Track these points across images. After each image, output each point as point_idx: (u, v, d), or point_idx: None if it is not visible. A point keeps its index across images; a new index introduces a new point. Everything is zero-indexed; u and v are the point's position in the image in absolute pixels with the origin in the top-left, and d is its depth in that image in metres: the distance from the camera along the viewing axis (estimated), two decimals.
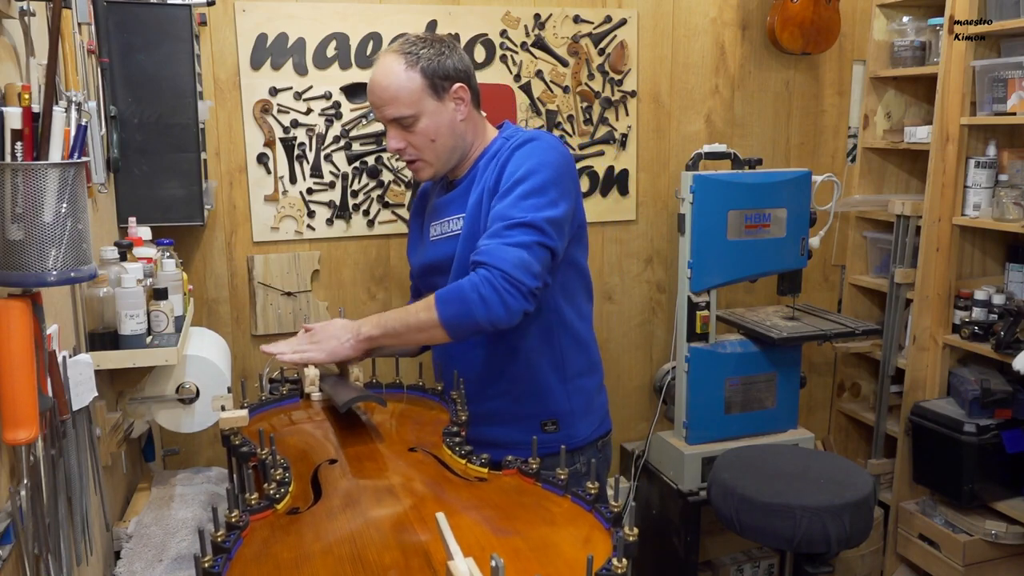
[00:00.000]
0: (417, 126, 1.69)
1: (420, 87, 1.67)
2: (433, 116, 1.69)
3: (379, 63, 1.70)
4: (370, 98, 1.73)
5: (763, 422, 2.67)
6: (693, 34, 2.87)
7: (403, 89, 1.66)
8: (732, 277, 2.60)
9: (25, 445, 1.03)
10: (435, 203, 1.84)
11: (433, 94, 1.68)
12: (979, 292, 2.62)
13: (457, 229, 1.75)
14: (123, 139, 1.96)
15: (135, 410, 1.72)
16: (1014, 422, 2.54)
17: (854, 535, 2.08)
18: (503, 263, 1.52)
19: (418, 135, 1.70)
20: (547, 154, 1.65)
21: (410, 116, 1.68)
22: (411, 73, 1.66)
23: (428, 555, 1.11)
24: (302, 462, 1.44)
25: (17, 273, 0.96)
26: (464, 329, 1.58)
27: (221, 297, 2.52)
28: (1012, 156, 2.58)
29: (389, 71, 1.67)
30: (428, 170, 1.75)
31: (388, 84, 1.67)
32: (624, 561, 1.06)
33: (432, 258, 1.82)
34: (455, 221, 1.77)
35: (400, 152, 1.73)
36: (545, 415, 1.80)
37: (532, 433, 1.74)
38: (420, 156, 1.72)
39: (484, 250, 1.56)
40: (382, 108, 1.70)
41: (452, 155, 1.75)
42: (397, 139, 1.71)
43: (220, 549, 1.12)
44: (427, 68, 1.67)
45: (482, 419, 1.77)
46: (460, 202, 1.76)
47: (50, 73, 1.06)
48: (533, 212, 1.57)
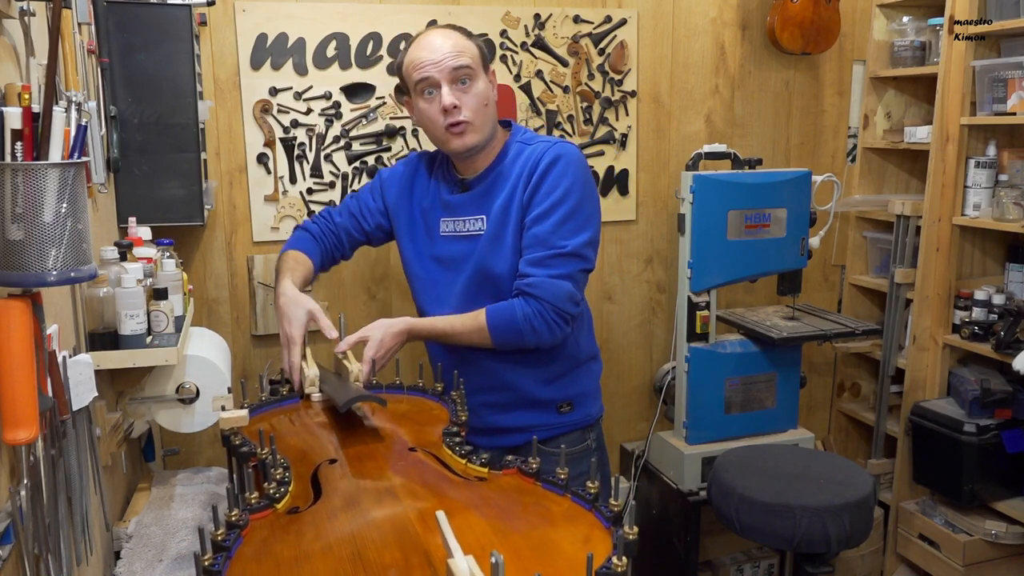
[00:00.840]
0: (474, 87, 1.72)
1: (477, 53, 1.75)
2: (484, 84, 1.75)
3: (430, 31, 1.75)
4: (427, 56, 1.71)
5: (763, 422, 2.67)
6: (693, 34, 2.87)
7: (466, 46, 1.73)
8: (732, 277, 2.60)
9: (25, 445, 1.03)
10: (447, 199, 1.85)
11: (484, 65, 1.76)
12: (979, 292, 2.62)
13: (477, 230, 1.79)
14: (123, 139, 1.96)
15: (135, 410, 1.72)
16: (1014, 422, 2.54)
17: (854, 535, 2.08)
18: (554, 298, 1.69)
19: (473, 96, 1.72)
20: (578, 171, 1.74)
21: (471, 69, 1.71)
22: (470, 42, 1.74)
23: (428, 554, 1.11)
24: (302, 462, 1.44)
25: (17, 273, 0.96)
26: (511, 348, 1.76)
27: (221, 297, 2.52)
28: (1012, 156, 2.58)
29: (449, 34, 1.73)
30: (473, 136, 1.75)
31: (454, 40, 1.72)
32: (624, 560, 1.06)
33: (443, 253, 1.85)
34: (474, 221, 1.80)
35: (453, 111, 1.71)
36: (561, 398, 1.87)
37: (549, 417, 1.84)
38: (471, 119, 1.73)
39: (535, 283, 1.70)
40: (443, 61, 1.70)
41: (488, 133, 1.78)
42: (454, 96, 1.71)
43: (220, 548, 1.12)
44: (480, 45, 1.76)
45: (499, 408, 1.83)
46: (480, 203, 1.80)
47: (50, 73, 1.06)
48: (573, 238, 1.71)
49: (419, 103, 1.77)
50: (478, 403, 1.84)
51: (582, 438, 1.92)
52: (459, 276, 1.82)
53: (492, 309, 1.73)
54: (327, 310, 2.60)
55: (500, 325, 1.71)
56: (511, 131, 1.86)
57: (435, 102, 1.73)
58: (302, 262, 1.88)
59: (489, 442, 1.87)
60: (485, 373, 1.83)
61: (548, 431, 1.86)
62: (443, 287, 1.85)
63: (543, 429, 1.85)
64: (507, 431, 1.83)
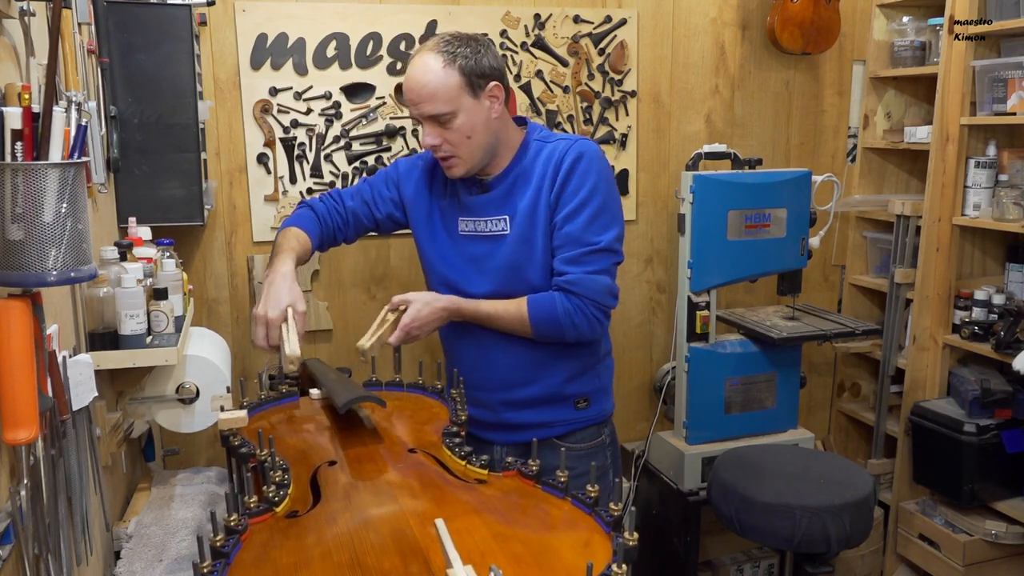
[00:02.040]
0: (454, 123, 1.70)
1: (458, 85, 1.69)
2: (469, 114, 1.71)
3: (416, 60, 1.71)
4: (407, 95, 1.73)
5: (763, 422, 2.67)
6: (693, 34, 2.87)
7: (441, 86, 1.68)
8: (732, 277, 2.60)
9: (25, 445, 1.03)
10: (466, 200, 1.84)
11: (470, 92, 1.71)
12: (979, 292, 2.62)
13: (500, 230, 1.80)
14: (123, 139, 1.96)
15: (135, 410, 1.72)
16: (1014, 422, 2.54)
17: (854, 535, 2.08)
18: (593, 293, 1.75)
19: (454, 132, 1.71)
20: (601, 168, 1.77)
21: (447, 113, 1.69)
22: (449, 71, 1.68)
23: (427, 560, 1.10)
24: (301, 463, 1.44)
25: (17, 273, 0.96)
26: (551, 341, 1.79)
27: (221, 297, 2.51)
28: (1012, 156, 2.58)
29: (427, 68, 1.69)
30: (461, 167, 1.76)
31: (427, 81, 1.68)
32: (624, 567, 1.06)
33: (466, 252, 1.84)
34: (497, 222, 1.80)
35: (435, 148, 1.74)
36: (580, 393, 1.88)
37: (567, 412, 1.87)
38: (455, 153, 1.74)
39: (573, 279, 1.74)
40: (419, 105, 1.70)
41: (486, 153, 1.77)
42: (433, 135, 1.72)
43: (219, 554, 1.12)
44: (464, 66, 1.69)
45: (517, 405, 1.84)
46: (502, 204, 1.80)
47: (50, 73, 1.06)
48: (604, 233, 1.75)
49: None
50: (496, 400, 1.85)
51: (597, 433, 1.94)
52: (485, 276, 1.81)
53: (534, 301, 1.76)
54: (327, 310, 2.60)
55: (542, 318, 1.75)
56: (527, 128, 1.86)
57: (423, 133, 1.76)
58: (302, 241, 1.84)
59: (503, 438, 1.88)
60: (512, 368, 1.83)
61: (565, 427, 1.88)
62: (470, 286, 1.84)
63: (560, 425, 1.87)
64: (524, 427, 1.84)
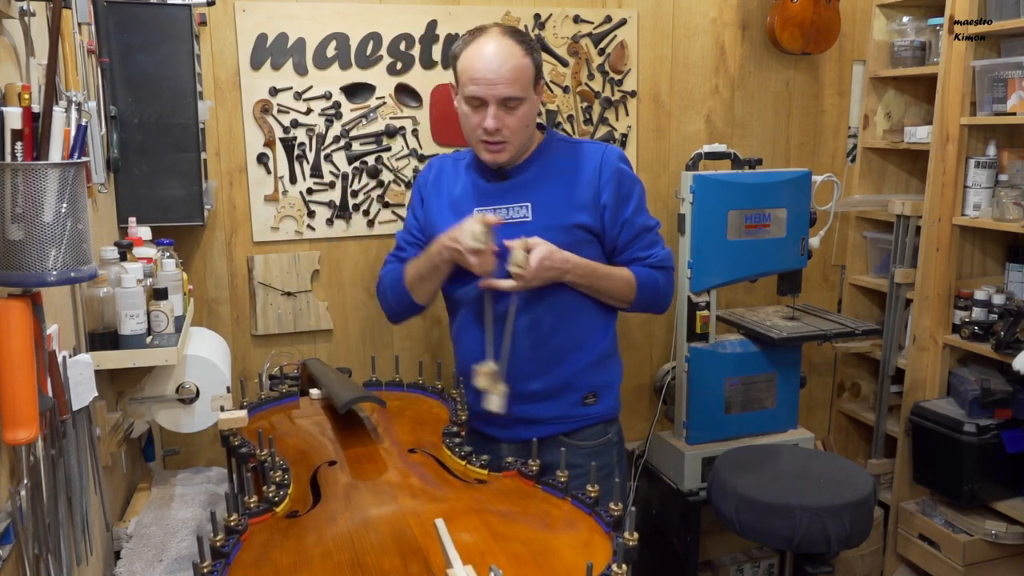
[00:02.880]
0: (519, 110, 1.75)
1: (531, 75, 1.77)
2: (531, 105, 1.79)
3: (495, 42, 1.73)
4: (483, 74, 1.73)
5: (763, 422, 2.67)
6: (693, 34, 2.87)
7: (523, 72, 1.74)
8: (732, 277, 2.60)
9: (25, 445, 1.03)
10: (484, 188, 1.87)
11: (535, 84, 1.79)
12: (979, 292, 2.62)
13: (521, 217, 1.84)
14: (123, 139, 1.96)
15: (135, 410, 1.72)
16: (1014, 422, 2.54)
17: (854, 535, 2.08)
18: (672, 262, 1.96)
19: (516, 119, 1.76)
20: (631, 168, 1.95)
21: (519, 99, 1.74)
22: (527, 60, 1.75)
23: (427, 560, 1.10)
24: (301, 463, 1.44)
25: (17, 273, 0.96)
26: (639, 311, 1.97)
27: (221, 297, 2.51)
28: (1012, 156, 2.58)
29: (511, 52, 1.73)
30: (507, 153, 1.80)
31: (513, 65, 1.72)
32: (624, 567, 1.06)
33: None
34: (519, 208, 1.84)
35: (494, 132, 1.76)
36: (588, 389, 1.91)
37: (575, 408, 1.89)
38: (510, 139, 1.77)
39: (663, 256, 1.94)
40: (497, 86, 1.72)
41: (523, 147, 1.83)
42: (498, 119, 1.74)
43: (219, 554, 1.12)
44: (536, 60, 1.78)
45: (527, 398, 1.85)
46: (522, 192, 1.84)
47: (50, 73, 1.06)
48: (653, 218, 1.96)
49: (463, 106, 1.80)
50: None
51: (604, 431, 1.96)
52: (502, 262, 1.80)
53: (639, 272, 1.89)
54: (327, 310, 2.60)
55: (646, 286, 1.89)
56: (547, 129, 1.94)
57: (478, 115, 1.76)
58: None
59: (509, 434, 1.87)
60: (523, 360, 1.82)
61: (573, 423, 1.90)
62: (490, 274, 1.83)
63: (569, 421, 1.89)
64: (531, 422, 1.85)
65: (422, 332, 2.72)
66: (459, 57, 1.78)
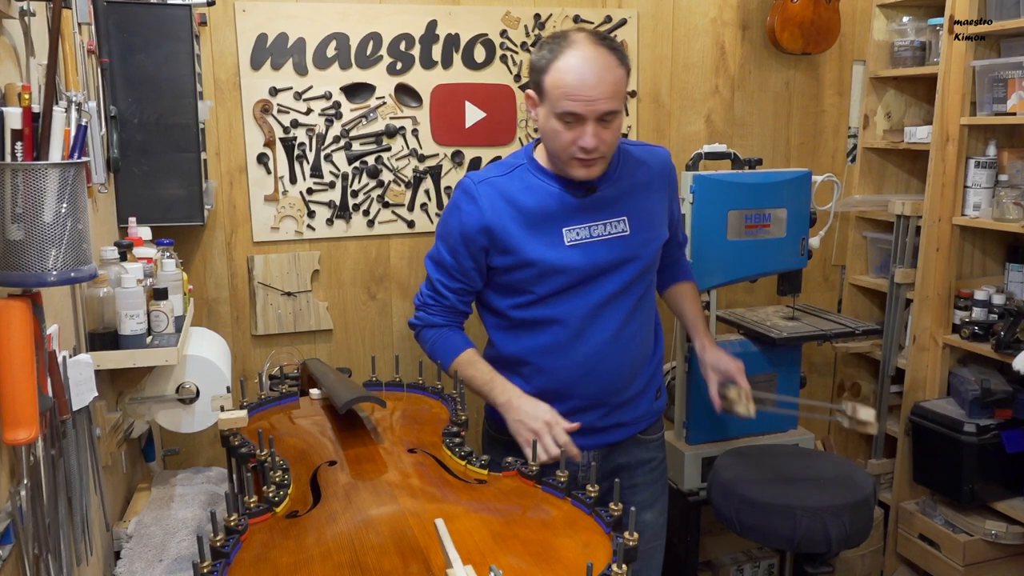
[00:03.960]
0: (615, 123, 1.69)
1: (626, 85, 1.70)
2: (622, 116, 1.72)
3: (593, 54, 1.62)
4: (582, 90, 1.61)
5: (763, 422, 2.66)
6: (693, 34, 2.87)
7: (621, 84, 1.67)
8: (732, 277, 2.60)
9: (25, 445, 1.03)
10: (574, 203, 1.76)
11: (625, 95, 1.76)
12: (979, 292, 2.62)
13: (621, 231, 1.80)
14: (123, 139, 1.96)
15: (135, 410, 1.72)
16: (1014, 422, 2.54)
17: (854, 535, 2.08)
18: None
19: (612, 131, 1.69)
20: None
21: (617, 112, 1.68)
22: (622, 71, 1.67)
23: (427, 560, 1.10)
24: (301, 463, 1.44)
25: (17, 273, 0.96)
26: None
27: (221, 297, 2.51)
28: (1012, 156, 2.58)
29: (611, 65, 1.64)
30: (599, 168, 1.73)
31: (614, 79, 1.64)
32: (624, 567, 1.06)
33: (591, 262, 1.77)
34: (616, 223, 1.79)
35: (592, 150, 1.67)
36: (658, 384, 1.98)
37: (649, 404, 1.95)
38: (605, 154, 1.70)
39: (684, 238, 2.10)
40: (597, 102, 1.62)
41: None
42: (594, 137, 1.65)
43: (219, 554, 1.12)
44: (628, 66, 1.71)
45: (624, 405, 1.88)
46: (618, 206, 1.80)
47: (50, 73, 1.06)
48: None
49: (552, 122, 1.67)
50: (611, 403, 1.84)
51: (662, 424, 2.04)
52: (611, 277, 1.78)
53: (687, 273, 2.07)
54: (327, 310, 2.60)
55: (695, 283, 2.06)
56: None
57: (573, 131, 1.66)
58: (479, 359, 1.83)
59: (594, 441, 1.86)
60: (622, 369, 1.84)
61: (649, 419, 1.96)
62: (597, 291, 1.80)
63: (646, 418, 1.94)
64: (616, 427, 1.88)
65: None
66: (547, 71, 1.65)
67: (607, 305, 1.79)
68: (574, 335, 1.77)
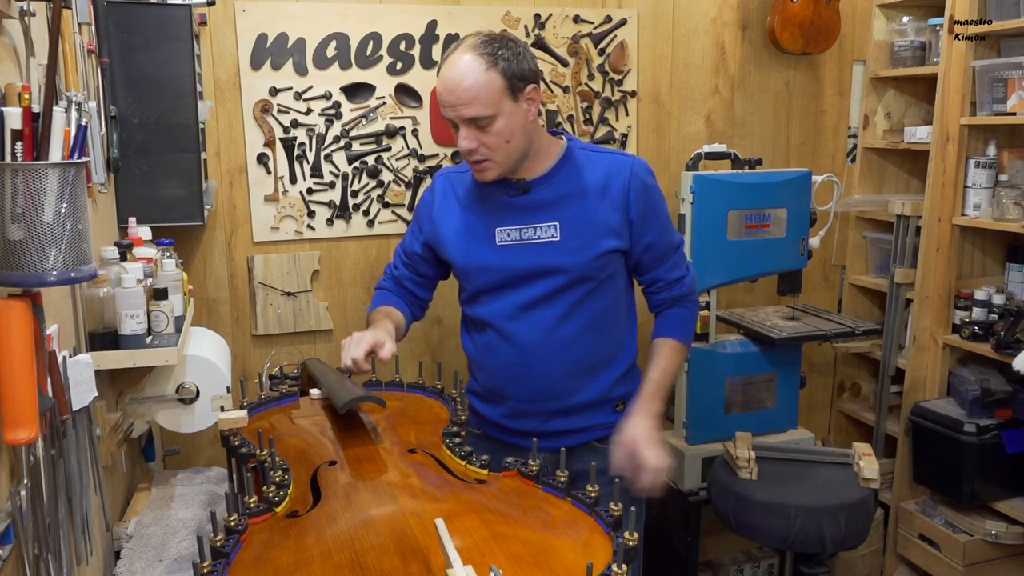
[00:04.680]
0: (493, 127, 1.66)
1: (499, 88, 1.65)
2: (509, 117, 1.67)
3: (454, 61, 1.65)
4: (445, 96, 1.66)
5: (763, 422, 2.67)
6: (693, 34, 2.87)
7: (483, 89, 1.63)
8: (732, 277, 2.60)
9: (25, 445, 1.03)
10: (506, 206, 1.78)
11: (511, 95, 1.67)
12: (979, 292, 2.62)
13: (549, 236, 1.75)
14: (123, 139, 1.96)
15: (135, 410, 1.72)
16: (1014, 422, 2.54)
17: (850, 536, 2.08)
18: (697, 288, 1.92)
19: (493, 136, 1.66)
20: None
21: (488, 117, 1.64)
22: (491, 74, 1.63)
23: (427, 560, 1.10)
24: (301, 463, 1.44)
25: (17, 273, 0.96)
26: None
27: (221, 297, 2.51)
28: (1012, 156, 2.58)
29: (468, 70, 1.63)
30: (495, 171, 1.71)
31: (469, 84, 1.62)
32: (624, 567, 1.06)
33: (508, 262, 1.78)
34: (546, 228, 1.76)
35: (470, 152, 1.69)
36: (620, 396, 1.89)
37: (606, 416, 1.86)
38: (491, 157, 1.69)
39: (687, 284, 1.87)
40: (458, 107, 1.64)
41: (521, 156, 1.73)
42: (470, 139, 1.66)
43: (219, 554, 1.12)
44: (506, 69, 1.65)
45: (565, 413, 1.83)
46: (551, 210, 1.76)
47: (50, 73, 1.06)
48: (677, 233, 1.89)
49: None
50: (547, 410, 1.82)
51: None
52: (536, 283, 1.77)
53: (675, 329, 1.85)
54: (327, 310, 2.60)
55: (690, 336, 1.88)
56: (566, 137, 1.83)
57: (457, 135, 1.69)
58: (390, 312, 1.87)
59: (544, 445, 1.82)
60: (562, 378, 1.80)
61: (605, 430, 1.86)
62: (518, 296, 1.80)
63: (601, 428, 1.86)
64: (568, 433, 1.83)
65: (422, 332, 2.72)
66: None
67: (532, 309, 1.77)
68: (503, 336, 1.80)
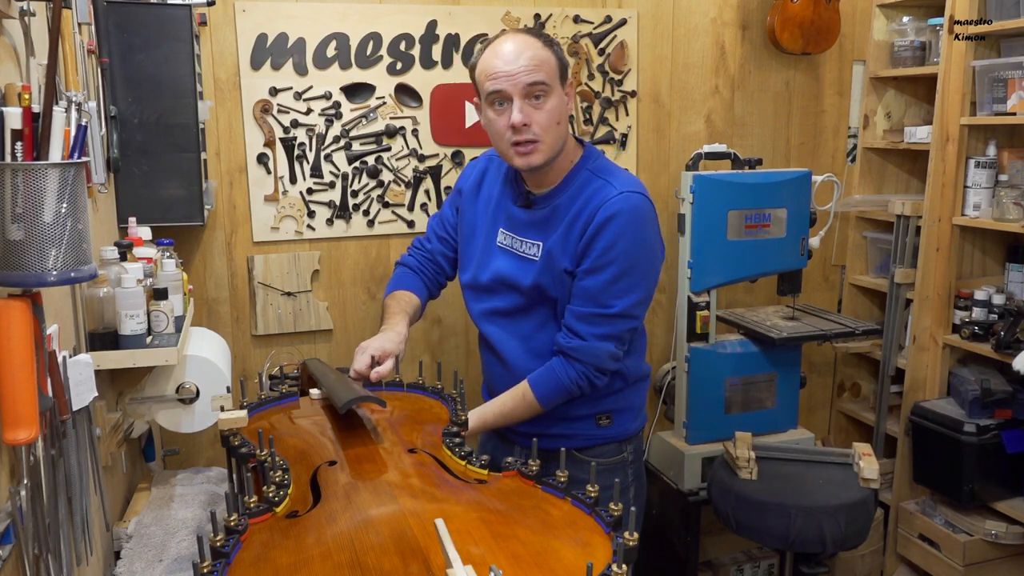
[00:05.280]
0: (547, 103, 1.65)
1: (555, 65, 1.67)
2: (559, 99, 1.67)
3: (509, 38, 1.65)
4: (501, 68, 1.63)
5: (763, 422, 2.67)
6: (693, 34, 2.87)
7: (545, 61, 1.64)
8: (732, 277, 2.60)
9: (25, 445, 1.03)
10: (512, 212, 1.81)
11: (560, 78, 1.68)
12: (979, 292, 2.62)
13: (533, 255, 1.77)
14: (123, 139, 1.96)
15: (135, 410, 1.72)
16: (1014, 422, 2.54)
17: (850, 536, 2.08)
18: (594, 359, 1.71)
19: (545, 112, 1.65)
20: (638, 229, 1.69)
21: (548, 86, 1.64)
22: (548, 52, 1.66)
23: (427, 560, 1.10)
24: (301, 463, 1.44)
25: (17, 273, 0.96)
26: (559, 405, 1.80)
27: (221, 297, 2.51)
28: (1012, 156, 2.58)
29: (529, 43, 1.64)
30: (542, 154, 1.67)
31: (532, 54, 1.63)
32: (624, 567, 1.06)
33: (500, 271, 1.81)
34: (532, 246, 1.77)
35: (522, 129, 1.64)
36: (603, 412, 1.85)
37: (587, 428, 1.84)
38: (541, 138, 1.66)
39: (577, 347, 1.70)
40: (518, 76, 1.61)
41: (560, 149, 1.71)
42: (525, 114, 1.63)
43: (219, 554, 1.12)
44: (558, 54, 1.68)
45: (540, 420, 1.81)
46: (540, 229, 1.76)
47: (50, 73, 1.06)
48: (622, 299, 1.68)
49: (488, 112, 1.69)
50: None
51: (619, 450, 1.90)
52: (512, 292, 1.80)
53: (537, 382, 1.75)
54: (327, 310, 2.60)
55: (549, 394, 1.75)
56: (584, 150, 1.79)
57: (504, 115, 1.65)
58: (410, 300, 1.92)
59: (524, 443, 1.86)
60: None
61: (585, 440, 1.85)
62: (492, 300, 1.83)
63: (580, 439, 1.84)
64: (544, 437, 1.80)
65: (422, 332, 2.72)
66: (476, 65, 1.69)
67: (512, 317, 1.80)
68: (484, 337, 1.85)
